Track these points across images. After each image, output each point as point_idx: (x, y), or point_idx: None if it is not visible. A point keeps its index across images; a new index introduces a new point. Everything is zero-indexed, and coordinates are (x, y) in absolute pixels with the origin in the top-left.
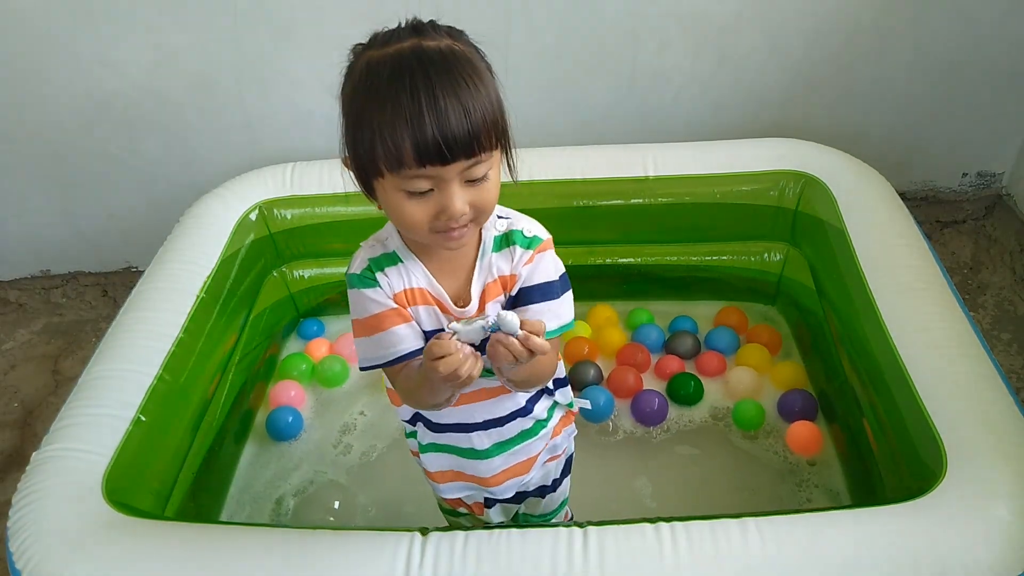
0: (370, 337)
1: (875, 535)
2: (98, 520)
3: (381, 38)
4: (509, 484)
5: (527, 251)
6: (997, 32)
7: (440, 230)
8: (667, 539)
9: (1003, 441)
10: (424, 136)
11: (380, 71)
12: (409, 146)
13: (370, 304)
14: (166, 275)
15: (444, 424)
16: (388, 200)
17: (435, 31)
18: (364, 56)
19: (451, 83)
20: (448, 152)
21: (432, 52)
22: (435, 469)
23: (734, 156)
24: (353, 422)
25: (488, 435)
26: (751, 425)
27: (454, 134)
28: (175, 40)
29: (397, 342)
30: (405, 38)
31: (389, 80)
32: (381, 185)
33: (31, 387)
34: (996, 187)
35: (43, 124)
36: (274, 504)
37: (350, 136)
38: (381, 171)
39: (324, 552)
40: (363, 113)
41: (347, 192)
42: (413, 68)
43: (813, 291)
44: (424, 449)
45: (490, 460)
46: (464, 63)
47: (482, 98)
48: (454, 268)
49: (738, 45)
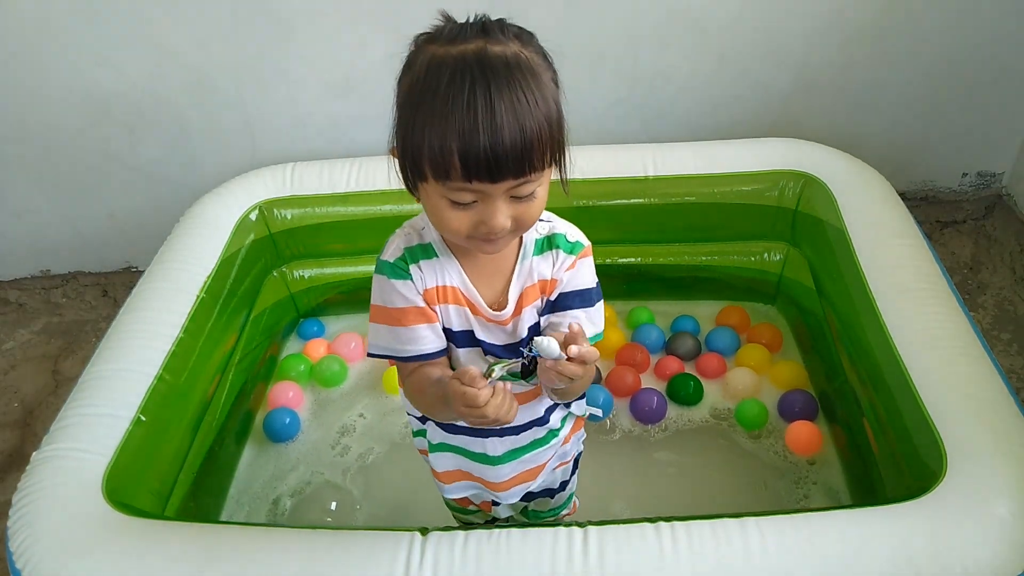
0: (389, 328)
1: (875, 535)
2: (98, 520)
3: (447, 33)
4: (515, 490)
5: (570, 256)
6: (997, 32)
7: (478, 237)
8: (667, 539)
9: (1003, 441)
10: (475, 151)
11: (440, 73)
12: (458, 159)
13: (396, 297)
14: (166, 275)
15: (458, 427)
16: (429, 203)
17: (503, 32)
18: (427, 50)
19: (511, 96)
20: (497, 171)
21: (496, 60)
22: (442, 469)
23: (734, 156)
24: (352, 424)
25: (503, 442)
26: (754, 425)
27: (506, 153)
28: (175, 40)
29: (416, 340)
30: (472, 38)
31: (448, 85)
32: (424, 188)
33: (31, 387)
34: (996, 187)
35: (43, 124)
36: (271, 504)
37: (401, 132)
38: (426, 176)
39: (324, 552)
40: (416, 115)
41: (347, 192)
42: (474, 76)
43: (813, 291)
44: (433, 449)
45: (501, 467)
46: (528, 74)
47: (540, 115)
48: (492, 270)
49: (738, 45)
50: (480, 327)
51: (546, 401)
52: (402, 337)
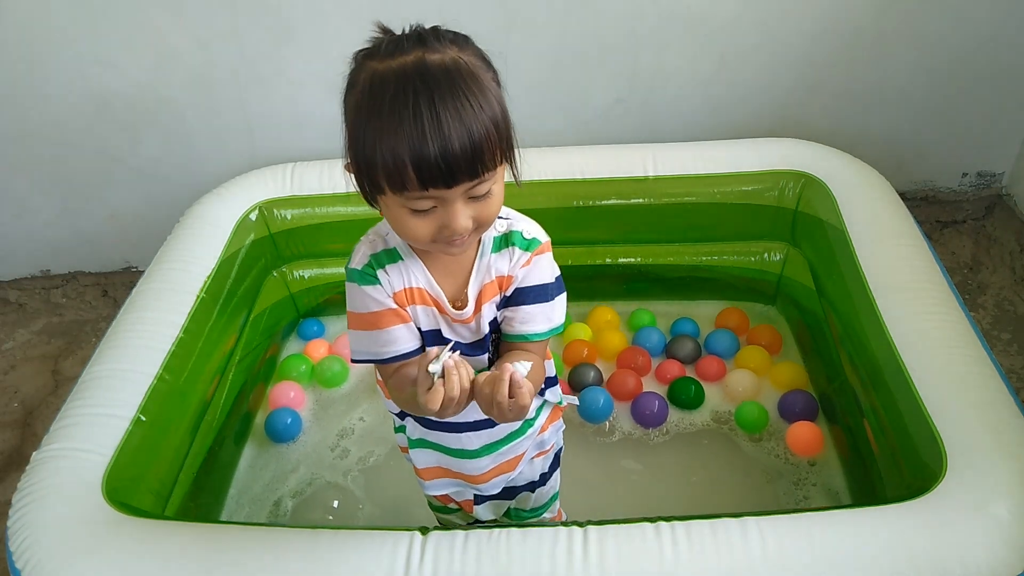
0: (367, 332)
1: (875, 535)
2: (98, 520)
3: (385, 47)
4: (496, 481)
5: (525, 253)
6: (997, 32)
7: (442, 241)
8: (667, 539)
9: (1003, 441)
10: (428, 160)
11: (383, 89)
12: (412, 170)
13: (369, 301)
14: (166, 275)
15: (435, 422)
16: (390, 213)
17: (439, 40)
18: (367, 67)
19: (454, 103)
20: (451, 176)
21: (436, 69)
22: (423, 465)
23: (734, 156)
24: (352, 427)
25: (479, 436)
26: (755, 427)
27: (457, 158)
28: (175, 40)
29: (394, 341)
30: (409, 49)
31: (392, 100)
32: (383, 200)
33: (31, 387)
34: (996, 187)
35: (43, 124)
36: (272, 506)
37: (352, 148)
38: (383, 189)
39: (324, 551)
40: (366, 131)
41: (347, 192)
42: (417, 88)
43: (813, 291)
44: (413, 445)
45: (479, 460)
46: (468, 78)
47: (486, 116)
48: (453, 269)
49: (738, 45)
50: (446, 326)
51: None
52: (380, 340)
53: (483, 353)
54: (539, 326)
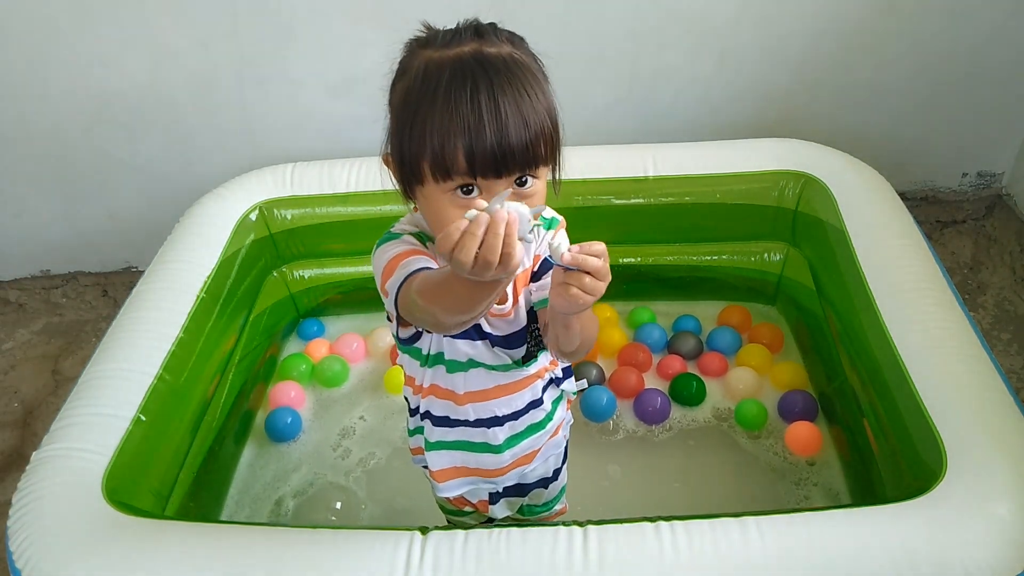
0: (399, 266)
1: (875, 534)
2: (98, 520)
3: (441, 38)
4: (512, 474)
5: (550, 231)
6: (997, 32)
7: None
8: (667, 539)
9: (1003, 441)
10: (482, 147)
11: (439, 74)
12: (463, 156)
13: (410, 247)
14: (166, 275)
15: (459, 420)
16: (429, 205)
17: (496, 35)
18: (421, 55)
19: (512, 93)
20: (504, 165)
21: (494, 58)
22: (438, 467)
23: (734, 156)
24: (352, 426)
25: (503, 429)
26: (754, 425)
27: (512, 146)
28: (175, 40)
29: (422, 261)
30: (466, 41)
31: (449, 85)
32: (422, 191)
33: (31, 387)
34: (996, 187)
35: (43, 124)
36: (273, 505)
37: (397, 137)
38: (424, 178)
39: (324, 551)
40: (415, 117)
41: (347, 192)
42: (476, 74)
43: (813, 291)
44: (431, 447)
45: (501, 454)
46: (526, 71)
47: (542, 109)
48: None
49: (738, 45)
50: (484, 320)
51: (541, 383)
52: (415, 261)
53: (521, 346)
54: None
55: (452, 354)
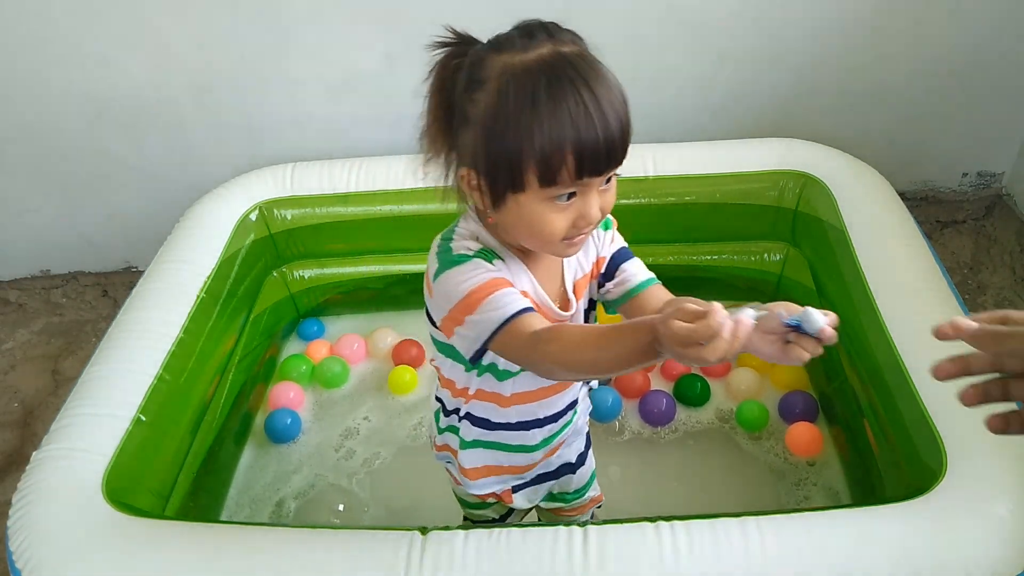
0: (483, 303)
1: (875, 534)
2: (98, 520)
3: (513, 42)
4: (539, 467)
5: (606, 231)
6: (997, 32)
7: (570, 237)
8: (667, 539)
9: (1003, 441)
10: (591, 146)
11: (532, 79)
12: (572, 158)
13: (487, 272)
14: (166, 275)
15: (500, 423)
16: (526, 212)
17: (561, 35)
18: (496, 61)
19: (605, 89)
20: (608, 161)
21: (576, 57)
22: (471, 465)
23: (734, 156)
24: (356, 427)
25: (542, 431)
26: (755, 426)
27: (615, 142)
28: (175, 40)
29: (516, 297)
30: (541, 42)
31: (548, 88)
32: (515, 199)
33: (31, 387)
34: (996, 187)
35: (43, 124)
36: (274, 507)
37: (488, 147)
38: (525, 184)
39: (324, 551)
40: (512, 125)
41: (347, 192)
42: (571, 76)
43: (813, 291)
44: (465, 446)
45: (534, 453)
46: (601, 66)
47: (625, 103)
48: (551, 272)
49: (738, 45)
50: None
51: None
52: (505, 297)
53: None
54: (647, 273)
55: (506, 364)
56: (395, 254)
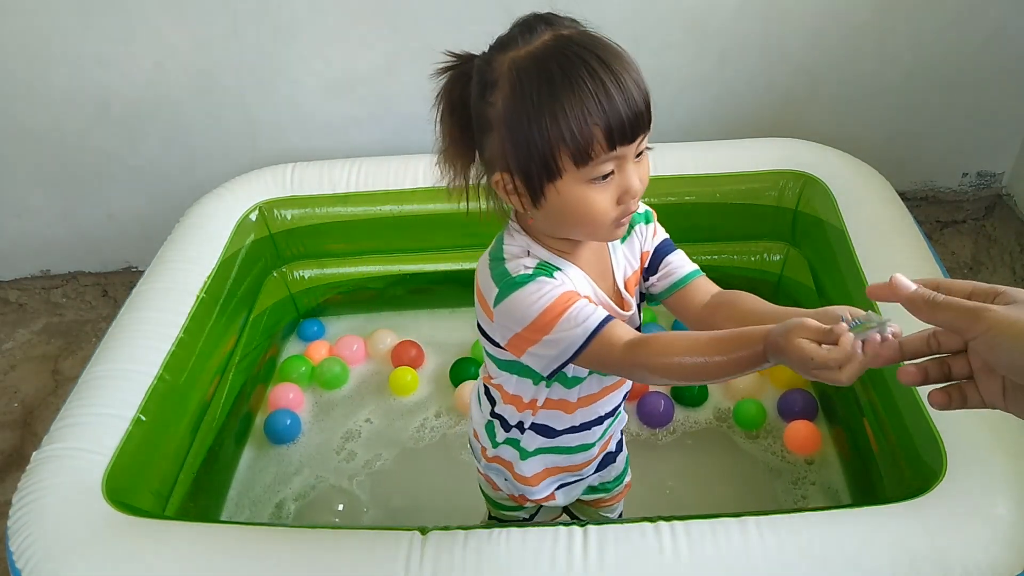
0: (559, 322)
1: (875, 534)
2: (98, 520)
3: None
4: (595, 463)
5: (648, 224)
6: (997, 32)
7: (619, 215)
8: (667, 539)
9: (1003, 441)
10: (617, 116)
11: (545, 66)
12: (601, 131)
13: (554, 288)
14: (166, 275)
15: (564, 429)
16: (568, 198)
17: (559, 21)
18: (503, 60)
19: (618, 59)
20: (636, 128)
21: (581, 37)
22: (532, 473)
23: (734, 156)
24: (358, 429)
25: (601, 427)
26: (752, 424)
27: (638, 105)
28: (175, 40)
29: (593, 310)
30: (542, 32)
31: (562, 72)
32: (554, 188)
33: (31, 387)
34: (996, 187)
35: (43, 124)
36: (274, 508)
37: (516, 144)
38: (562, 170)
39: (324, 551)
40: (538, 115)
41: (347, 192)
42: (580, 53)
43: (813, 291)
44: (527, 455)
45: (591, 450)
46: (606, 39)
47: (638, 71)
48: (603, 272)
49: (738, 45)
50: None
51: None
52: (582, 312)
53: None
54: (692, 264)
55: (575, 371)
56: (395, 254)
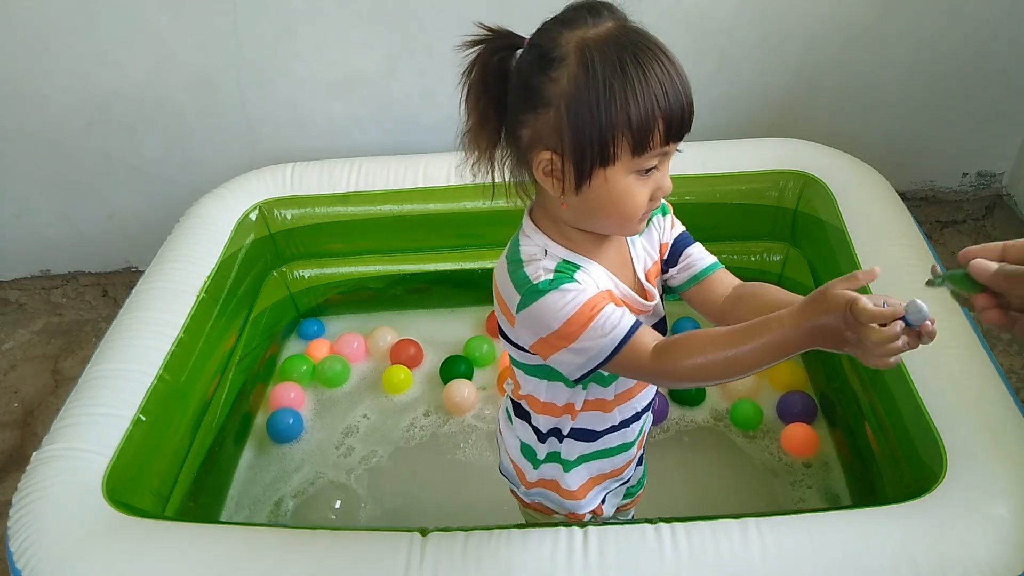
0: (586, 331)
1: (875, 535)
2: (98, 520)
3: (587, 19)
4: (633, 463)
5: (665, 217)
6: (997, 32)
7: (647, 210)
8: (667, 539)
9: (1003, 441)
10: (678, 111)
11: (618, 51)
12: (662, 123)
13: (577, 295)
14: (166, 275)
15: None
16: (614, 187)
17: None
18: (570, 38)
19: (673, 59)
20: (686, 126)
21: (642, 29)
22: (578, 485)
23: (734, 156)
24: (356, 425)
25: (639, 423)
26: (749, 425)
27: (692, 105)
28: (175, 40)
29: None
30: (607, 18)
31: (635, 58)
32: (604, 174)
33: (31, 387)
34: (996, 187)
35: (43, 124)
36: (273, 506)
37: (577, 122)
38: (616, 157)
39: (324, 552)
40: (606, 95)
41: (347, 192)
42: (649, 47)
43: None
44: (570, 466)
45: (631, 450)
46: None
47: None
48: (624, 265)
49: (738, 45)
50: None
51: None
52: (611, 319)
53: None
54: (712, 257)
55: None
56: (395, 254)
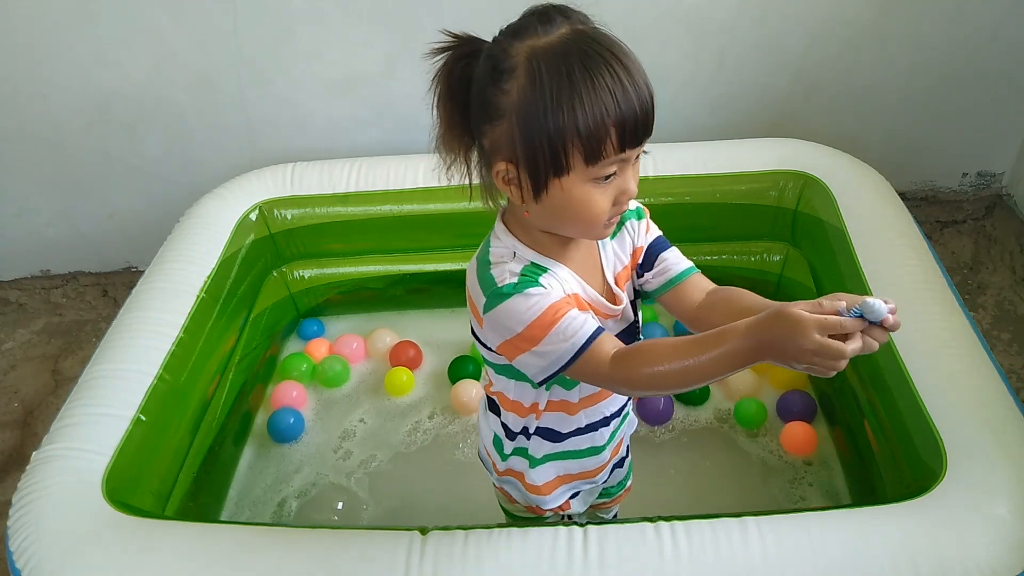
0: (548, 335)
1: (875, 535)
2: (98, 520)
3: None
4: (609, 466)
5: (640, 220)
6: (997, 32)
7: (611, 216)
8: (667, 539)
9: (1003, 441)
10: (632, 118)
11: (566, 59)
12: (615, 132)
13: (540, 299)
14: (166, 275)
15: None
16: (571, 196)
17: (574, 15)
18: (520, 48)
19: (631, 61)
20: (645, 131)
21: (596, 34)
22: (543, 482)
23: (734, 156)
24: (353, 429)
25: (609, 428)
26: (753, 423)
27: (649, 111)
28: (175, 40)
29: (582, 323)
30: (559, 24)
31: (583, 66)
32: (560, 183)
33: (31, 387)
34: (996, 187)
35: (43, 124)
36: (275, 507)
37: (528, 134)
38: (569, 166)
39: (324, 551)
40: (554, 105)
41: (347, 192)
42: (599, 51)
43: (813, 291)
44: (536, 463)
45: (603, 454)
46: (619, 40)
47: (644, 71)
48: (592, 268)
49: (738, 45)
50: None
51: None
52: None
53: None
54: (687, 261)
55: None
56: (395, 254)
